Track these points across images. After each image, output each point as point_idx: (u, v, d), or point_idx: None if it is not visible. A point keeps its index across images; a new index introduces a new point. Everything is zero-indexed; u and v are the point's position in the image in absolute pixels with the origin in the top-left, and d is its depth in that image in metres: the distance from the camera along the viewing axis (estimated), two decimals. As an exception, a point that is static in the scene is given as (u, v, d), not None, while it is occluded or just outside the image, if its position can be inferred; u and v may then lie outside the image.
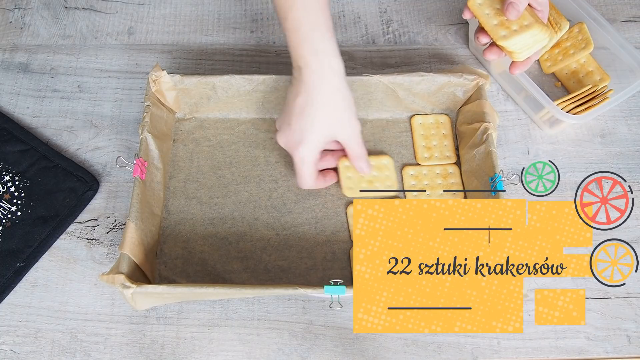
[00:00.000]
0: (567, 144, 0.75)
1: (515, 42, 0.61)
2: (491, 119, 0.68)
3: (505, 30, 0.61)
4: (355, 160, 0.66)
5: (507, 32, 0.61)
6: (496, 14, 0.62)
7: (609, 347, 0.62)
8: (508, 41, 0.61)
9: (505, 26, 0.61)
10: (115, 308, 0.63)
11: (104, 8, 0.85)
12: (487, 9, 0.62)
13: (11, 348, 0.61)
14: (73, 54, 0.81)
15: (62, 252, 0.66)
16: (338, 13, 0.85)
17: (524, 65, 0.65)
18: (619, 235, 0.68)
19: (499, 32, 0.61)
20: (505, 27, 0.61)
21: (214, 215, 0.68)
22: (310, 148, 0.62)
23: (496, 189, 0.63)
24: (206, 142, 0.73)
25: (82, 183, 0.69)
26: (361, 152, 0.65)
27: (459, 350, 0.62)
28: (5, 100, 0.76)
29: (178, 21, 0.84)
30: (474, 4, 0.63)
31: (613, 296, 0.65)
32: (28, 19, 0.84)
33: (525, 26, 0.60)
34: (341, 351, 0.62)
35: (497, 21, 0.62)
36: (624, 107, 0.77)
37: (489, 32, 0.62)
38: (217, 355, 0.61)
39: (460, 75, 0.70)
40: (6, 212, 0.67)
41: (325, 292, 0.56)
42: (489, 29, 0.62)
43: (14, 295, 0.64)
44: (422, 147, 0.73)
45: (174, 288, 0.55)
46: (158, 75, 0.68)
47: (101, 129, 0.75)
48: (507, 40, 0.61)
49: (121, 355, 0.61)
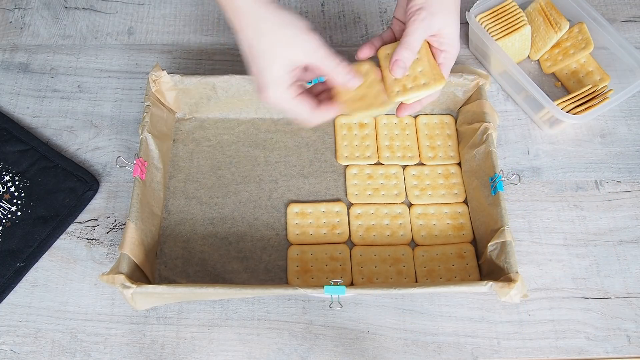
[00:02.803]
0: (567, 144, 0.75)
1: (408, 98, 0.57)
2: (491, 119, 0.68)
3: (398, 86, 0.57)
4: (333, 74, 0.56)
5: (400, 89, 0.57)
6: None
7: (609, 347, 0.62)
8: (399, 98, 0.57)
9: (400, 83, 0.57)
10: (115, 308, 0.63)
11: (104, 8, 0.85)
12: None
13: (11, 348, 0.61)
14: (73, 54, 0.81)
15: (62, 252, 0.66)
16: (338, 13, 0.85)
17: (412, 107, 0.60)
18: (620, 235, 0.68)
19: (394, 89, 0.57)
20: (401, 83, 0.57)
21: (214, 215, 0.68)
22: (275, 87, 0.54)
23: (496, 189, 0.63)
24: (206, 142, 0.73)
25: (82, 183, 0.69)
26: (333, 64, 0.56)
27: (459, 350, 0.62)
28: (5, 100, 0.76)
29: (178, 21, 0.84)
30: (383, 53, 0.58)
31: (613, 296, 0.65)
32: (28, 19, 0.84)
33: (421, 85, 0.56)
34: (341, 351, 0.62)
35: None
36: (624, 107, 0.77)
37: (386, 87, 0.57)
38: (217, 355, 0.61)
39: (460, 75, 0.70)
40: (6, 212, 0.67)
41: (325, 292, 0.56)
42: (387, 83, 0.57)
43: (14, 295, 0.64)
44: (426, 147, 0.73)
45: (174, 288, 0.56)
46: (158, 75, 0.68)
47: (101, 129, 0.75)
48: (399, 98, 0.57)
49: (121, 355, 0.61)
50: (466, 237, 0.67)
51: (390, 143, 0.73)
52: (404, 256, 0.66)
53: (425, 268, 0.65)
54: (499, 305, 0.64)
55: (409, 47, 0.55)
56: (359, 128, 0.74)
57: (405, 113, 0.61)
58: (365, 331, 0.63)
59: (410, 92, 0.57)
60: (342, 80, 0.57)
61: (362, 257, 0.66)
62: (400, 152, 0.73)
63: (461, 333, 0.63)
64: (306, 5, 0.86)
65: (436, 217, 0.69)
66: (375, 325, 0.63)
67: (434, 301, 0.64)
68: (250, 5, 0.53)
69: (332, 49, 0.55)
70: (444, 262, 0.65)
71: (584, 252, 0.67)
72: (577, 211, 0.70)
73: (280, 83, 0.54)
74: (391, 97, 0.57)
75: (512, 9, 0.77)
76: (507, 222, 0.61)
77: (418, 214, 0.69)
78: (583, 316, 0.64)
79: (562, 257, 0.67)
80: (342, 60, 0.56)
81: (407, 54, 0.55)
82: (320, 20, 0.85)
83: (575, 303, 0.64)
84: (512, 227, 0.66)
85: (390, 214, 0.69)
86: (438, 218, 0.69)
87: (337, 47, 0.82)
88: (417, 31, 0.55)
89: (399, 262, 0.65)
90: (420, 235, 0.68)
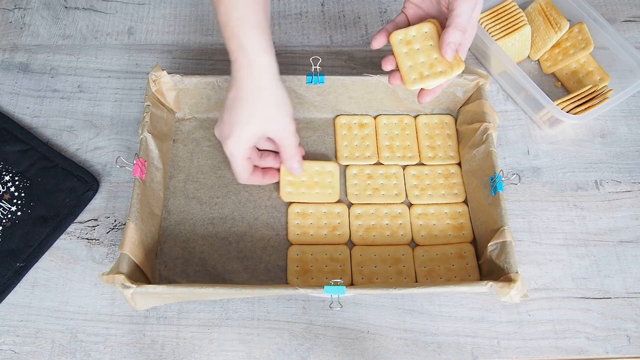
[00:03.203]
0: (567, 144, 0.75)
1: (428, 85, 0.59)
2: (491, 119, 0.68)
3: (415, 74, 0.59)
4: (286, 159, 0.64)
5: (416, 76, 0.59)
6: (414, 55, 0.59)
7: (609, 347, 0.62)
8: (417, 85, 0.59)
9: (417, 70, 0.59)
10: (115, 308, 0.63)
11: (104, 8, 0.85)
12: (405, 47, 0.59)
13: (11, 348, 0.61)
14: (73, 54, 0.81)
15: (62, 252, 0.66)
16: (338, 13, 0.85)
17: (434, 92, 0.62)
18: (620, 235, 0.68)
19: (410, 76, 0.59)
20: (418, 71, 0.59)
21: (214, 215, 0.68)
22: (238, 142, 0.60)
23: (496, 189, 0.63)
24: (206, 142, 0.73)
25: (82, 183, 0.69)
26: (292, 152, 0.64)
27: (459, 350, 0.62)
28: (5, 100, 0.76)
29: (178, 21, 0.84)
30: (396, 39, 0.60)
31: (613, 296, 0.65)
32: (28, 19, 0.84)
33: (438, 73, 0.58)
34: (341, 351, 0.62)
35: (411, 63, 0.59)
36: (624, 107, 0.77)
37: (402, 74, 0.59)
38: (217, 355, 0.61)
39: (460, 75, 0.70)
40: (6, 212, 0.67)
41: (325, 292, 0.56)
42: (403, 71, 0.59)
43: (14, 295, 0.64)
44: (426, 147, 0.73)
45: (174, 288, 0.55)
46: (158, 75, 0.68)
47: (101, 129, 0.75)
48: (416, 85, 0.58)
49: (121, 355, 0.61)
50: (466, 237, 0.67)
51: (390, 143, 0.73)
52: (404, 256, 0.66)
53: (425, 268, 0.65)
54: (499, 305, 0.64)
55: (460, 28, 0.55)
56: (359, 128, 0.74)
57: (428, 99, 0.62)
58: (365, 331, 0.63)
59: (427, 80, 0.57)
60: (290, 167, 0.65)
61: (362, 257, 0.66)
62: (400, 152, 0.73)
63: (461, 333, 0.63)
64: (306, 5, 0.86)
65: (436, 217, 0.69)
66: (375, 325, 0.63)
67: (434, 301, 0.64)
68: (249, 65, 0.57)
69: (333, 46, 0.56)
70: (444, 262, 0.65)
71: (584, 252, 0.67)
72: (577, 211, 0.70)
73: (245, 141, 0.60)
74: (408, 84, 0.58)
75: (512, 9, 0.77)
76: (507, 222, 0.61)
77: (418, 214, 0.69)
78: (583, 316, 0.64)
79: (562, 257, 0.67)
80: (300, 151, 0.66)
81: (459, 36, 0.55)
82: (320, 20, 0.85)
83: (575, 303, 0.64)
84: (512, 227, 0.66)
85: (390, 214, 0.69)
86: (438, 218, 0.69)
87: (337, 47, 0.82)
88: (466, 12, 0.54)
89: (399, 262, 0.65)
90: (420, 235, 0.68)
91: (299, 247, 0.66)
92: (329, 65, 0.80)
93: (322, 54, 0.80)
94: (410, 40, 0.60)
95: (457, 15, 0.54)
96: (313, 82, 0.70)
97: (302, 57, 0.81)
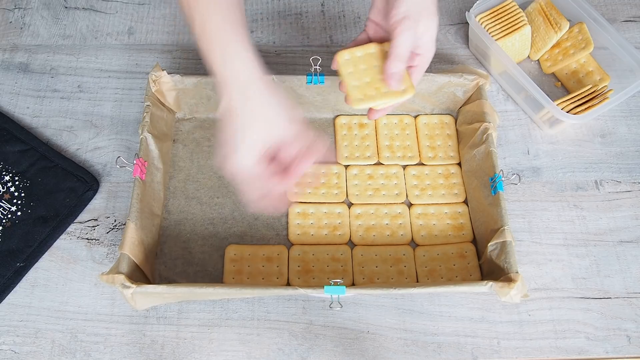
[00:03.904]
0: (567, 144, 0.75)
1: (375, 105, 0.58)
2: (491, 119, 0.68)
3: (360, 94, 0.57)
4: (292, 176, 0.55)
5: (361, 97, 0.57)
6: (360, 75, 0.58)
7: (609, 347, 0.62)
8: (363, 105, 0.57)
9: (362, 90, 0.57)
10: (115, 308, 0.63)
11: (104, 8, 0.85)
12: (351, 67, 0.58)
13: (11, 348, 0.61)
14: (73, 54, 0.81)
15: (62, 252, 0.66)
16: (338, 13, 0.85)
17: (384, 110, 0.61)
18: (620, 235, 0.68)
19: (356, 95, 0.57)
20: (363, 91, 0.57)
21: (214, 215, 0.68)
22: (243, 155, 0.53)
23: (496, 189, 0.63)
24: (206, 142, 0.73)
25: (82, 183, 0.69)
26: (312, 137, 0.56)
27: (459, 350, 0.62)
28: (5, 100, 0.76)
29: (178, 21, 0.84)
30: (342, 59, 0.59)
31: (613, 296, 0.65)
32: (28, 19, 0.84)
33: (383, 94, 0.57)
34: (341, 351, 0.62)
35: (357, 83, 0.58)
36: (624, 107, 0.77)
37: (347, 93, 0.58)
38: (217, 355, 0.61)
39: (460, 75, 0.70)
40: (6, 212, 0.67)
41: (325, 292, 0.56)
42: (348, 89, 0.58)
43: (14, 295, 0.64)
44: (426, 147, 0.73)
45: (174, 288, 0.55)
46: (158, 75, 0.68)
47: (101, 129, 0.74)
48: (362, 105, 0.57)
49: (121, 355, 0.61)
50: (466, 237, 0.67)
51: (391, 143, 0.73)
52: (405, 256, 0.66)
53: (426, 268, 0.65)
54: (499, 305, 0.64)
55: (401, 59, 0.55)
56: (359, 128, 0.74)
57: (377, 116, 0.62)
58: (365, 331, 0.63)
59: (373, 100, 0.57)
60: None
61: (363, 257, 0.66)
62: (400, 152, 0.73)
63: (461, 333, 0.63)
64: (306, 5, 0.86)
65: (436, 217, 0.69)
66: (375, 325, 0.63)
67: (434, 301, 0.64)
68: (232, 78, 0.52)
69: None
70: (445, 262, 0.65)
71: (584, 252, 0.67)
72: (577, 211, 0.70)
73: (250, 153, 0.52)
74: (353, 102, 0.57)
75: (512, 9, 0.77)
76: (507, 222, 0.61)
77: (418, 214, 0.69)
78: (583, 316, 0.64)
79: (562, 257, 0.67)
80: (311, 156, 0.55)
81: (401, 65, 0.55)
82: (320, 20, 0.85)
83: (575, 303, 0.64)
84: (512, 227, 0.66)
85: (390, 214, 0.69)
86: (438, 218, 0.69)
87: (337, 47, 0.82)
88: (405, 42, 0.54)
89: (400, 262, 0.65)
90: (420, 235, 0.68)
91: (300, 247, 0.66)
92: (329, 65, 0.79)
93: (322, 54, 0.80)
94: (356, 60, 0.59)
95: (395, 45, 0.54)
96: (313, 82, 0.70)
97: (302, 57, 0.81)
